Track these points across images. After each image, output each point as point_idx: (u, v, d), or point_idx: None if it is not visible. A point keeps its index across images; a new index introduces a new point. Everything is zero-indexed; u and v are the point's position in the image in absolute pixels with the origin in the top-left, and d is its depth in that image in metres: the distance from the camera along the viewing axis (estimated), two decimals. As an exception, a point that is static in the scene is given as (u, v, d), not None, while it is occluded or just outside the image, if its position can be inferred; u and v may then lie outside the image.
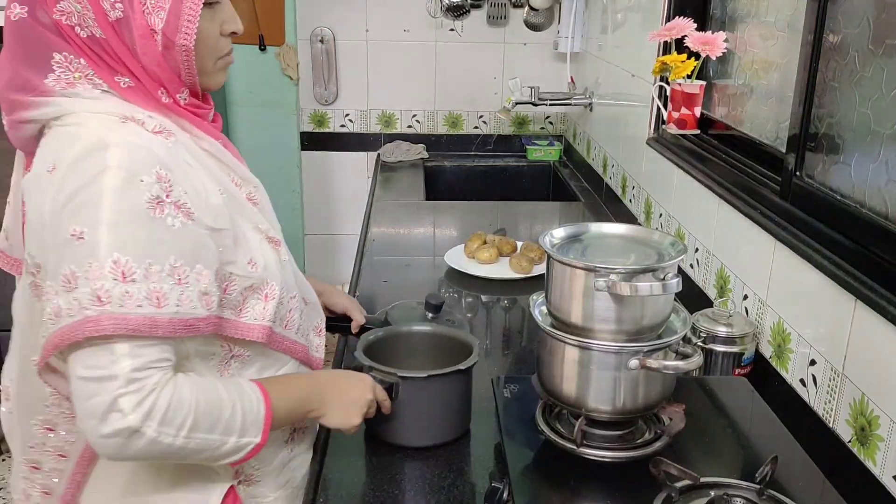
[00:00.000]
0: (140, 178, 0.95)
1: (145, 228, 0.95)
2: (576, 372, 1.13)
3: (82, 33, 1.00)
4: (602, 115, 2.85)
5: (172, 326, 0.96)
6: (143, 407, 0.94)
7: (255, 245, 1.10)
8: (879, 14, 1.22)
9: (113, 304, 0.93)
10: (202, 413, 0.99)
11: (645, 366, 1.09)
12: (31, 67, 1.01)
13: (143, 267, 0.94)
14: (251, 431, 1.04)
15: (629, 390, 1.12)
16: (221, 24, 1.08)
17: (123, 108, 1.02)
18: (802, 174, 1.42)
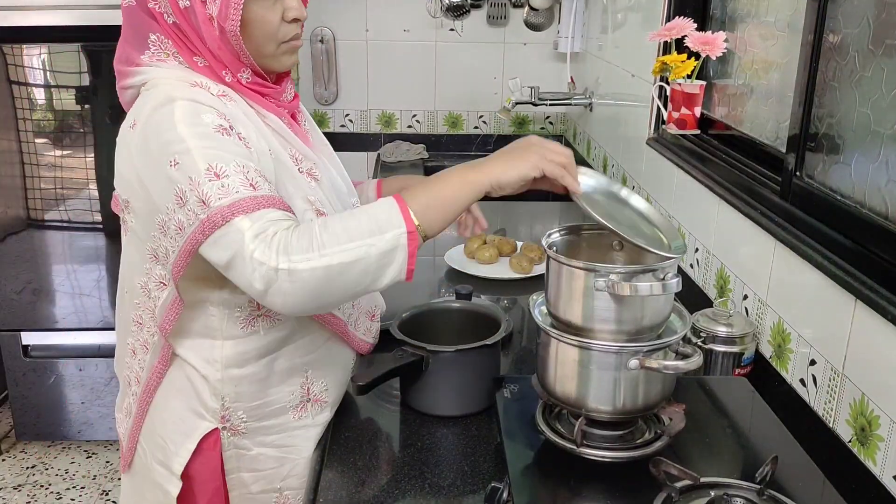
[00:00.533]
0: (202, 115, 1.10)
1: (222, 142, 1.09)
2: (576, 372, 1.13)
3: (168, 20, 1.15)
4: (602, 115, 2.85)
5: (272, 201, 1.08)
6: (272, 248, 1.03)
7: (298, 210, 1.17)
8: (879, 14, 1.22)
9: (215, 199, 1.05)
10: (328, 229, 1.05)
11: (645, 366, 1.09)
12: (134, 45, 1.18)
13: (232, 165, 1.07)
14: (391, 224, 1.06)
15: (629, 390, 1.12)
16: (284, 11, 1.17)
17: (196, 77, 1.16)
18: (802, 174, 1.42)
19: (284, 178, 1.18)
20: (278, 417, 1.29)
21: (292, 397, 1.30)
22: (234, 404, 1.26)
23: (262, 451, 1.29)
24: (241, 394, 1.25)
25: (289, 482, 1.32)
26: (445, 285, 2.00)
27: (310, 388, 1.31)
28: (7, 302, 2.91)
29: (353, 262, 1.04)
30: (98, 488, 2.90)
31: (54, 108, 2.78)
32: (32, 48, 2.70)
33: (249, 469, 1.29)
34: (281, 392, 1.29)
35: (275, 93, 1.23)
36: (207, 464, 1.27)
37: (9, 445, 3.14)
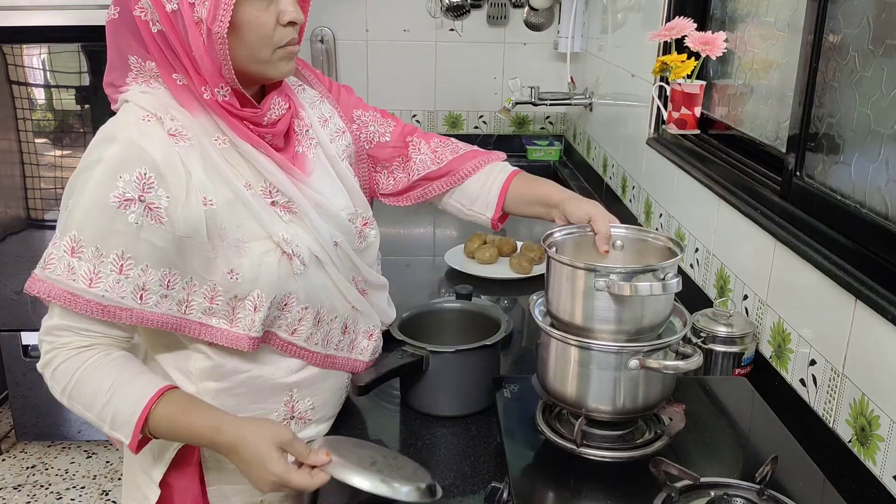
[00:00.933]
0: (119, 175, 1.07)
1: (106, 219, 1.07)
2: (576, 372, 1.13)
3: (153, 28, 1.10)
4: (602, 115, 2.85)
5: (90, 307, 1.08)
6: (47, 356, 1.12)
7: (252, 255, 1.14)
8: (879, 14, 1.22)
9: (52, 271, 1.08)
10: (80, 391, 1.11)
11: (645, 366, 1.09)
12: (117, 68, 1.16)
13: (92, 248, 1.07)
14: (123, 430, 1.10)
15: (629, 390, 1.12)
16: (279, 14, 1.11)
17: (159, 103, 1.12)
18: (802, 174, 1.42)
19: (243, 217, 1.14)
20: None
21: (276, 414, 1.25)
22: None
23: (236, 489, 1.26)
24: (221, 406, 1.18)
25: (270, 496, 1.28)
26: (445, 285, 2.00)
27: (294, 406, 1.27)
28: (7, 302, 2.91)
29: (88, 419, 1.13)
30: (98, 488, 2.90)
31: (54, 108, 2.78)
32: (32, 48, 2.70)
33: (229, 482, 1.26)
34: (264, 408, 1.24)
35: (252, 115, 1.15)
36: (186, 474, 1.24)
37: (9, 445, 3.14)
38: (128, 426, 1.09)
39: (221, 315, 1.16)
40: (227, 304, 1.15)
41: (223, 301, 1.15)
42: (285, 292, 1.18)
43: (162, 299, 1.12)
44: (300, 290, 1.19)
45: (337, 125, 1.35)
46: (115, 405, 1.10)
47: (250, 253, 1.14)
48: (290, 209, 1.19)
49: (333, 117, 1.35)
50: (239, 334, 1.16)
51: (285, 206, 1.18)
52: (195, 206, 1.10)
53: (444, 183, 1.46)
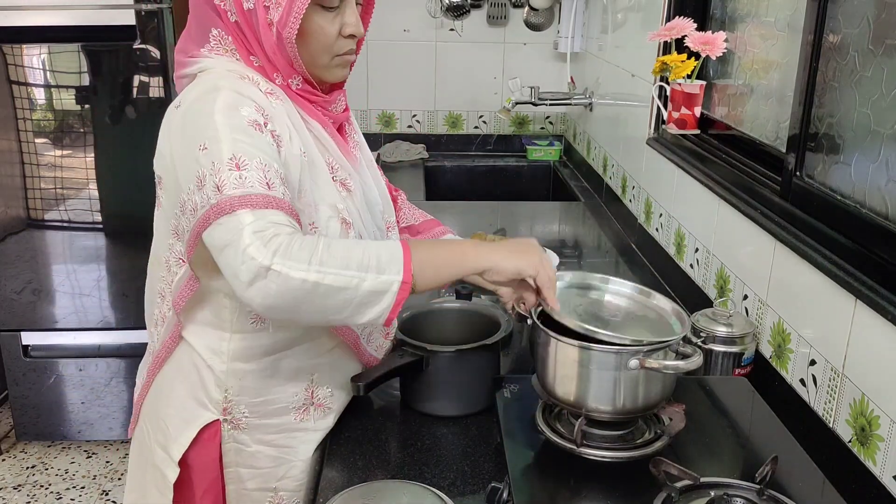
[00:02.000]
0: (241, 108, 1.13)
1: (252, 137, 1.11)
2: (575, 372, 1.13)
3: (231, 18, 1.19)
4: (602, 115, 2.85)
5: (283, 205, 1.09)
6: (269, 247, 1.03)
7: (321, 216, 1.21)
8: (879, 14, 1.22)
9: (229, 188, 1.07)
10: (332, 252, 1.05)
11: (645, 366, 1.09)
12: (195, 39, 1.23)
13: (255, 161, 1.09)
14: (391, 269, 1.06)
15: (629, 390, 1.12)
16: (342, 26, 1.21)
17: (249, 72, 1.20)
18: (802, 174, 1.42)
19: (315, 181, 1.21)
20: (280, 417, 1.29)
21: (296, 398, 1.29)
22: (237, 398, 1.26)
23: (260, 449, 1.29)
24: (244, 388, 1.26)
25: (284, 483, 1.32)
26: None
27: (314, 391, 1.31)
28: (7, 302, 2.91)
29: (341, 287, 1.05)
30: (98, 488, 2.90)
31: (54, 108, 2.78)
32: (32, 48, 2.70)
33: (247, 465, 1.30)
34: (285, 392, 1.29)
35: (323, 101, 1.26)
36: (206, 454, 1.28)
37: (9, 445, 3.14)
38: (396, 260, 1.07)
39: None
40: None
41: None
42: None
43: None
44: None
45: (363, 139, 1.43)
46: (374, 250, 1.07)
47: (320, 214, 1.20)
48: (346, 186, 1.26)
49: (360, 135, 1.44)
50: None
51: (343, 182, 1.26)
52: (296, 150, 1.18)
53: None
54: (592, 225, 2.58)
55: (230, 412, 1.27)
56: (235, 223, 1.05)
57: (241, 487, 1.31)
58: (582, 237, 2.51)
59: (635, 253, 2.26)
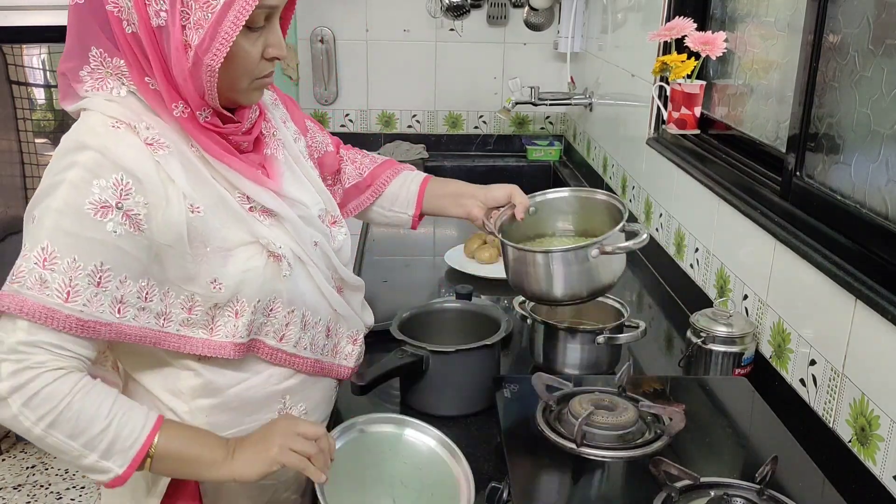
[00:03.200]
0: (96, 180, 1.01)
1: (82, 226, 1.00)
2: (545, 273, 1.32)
3: (128, 29, 1.04)
4: (602, 115, 2.85)
5: (69, 323, 1.00)
6: (15, 378, 0.98)
7: (238, 259, 1.11)
8: (879, 14, 1.22)
9: (21, 284, 0.99)
10: (69, 416, 1.00)
11: (605, 252, 1.29)
12: (75, 57, 1.08)
13: (67, 260, 1.00)
14: (116, 459, 1.02)
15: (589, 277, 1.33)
16: (265, 48, 1.09)
17: (128, 112, 1.06)
18: (802, 174, 1.42)
19: (225, 224, 1.10)
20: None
21: (265, 413, 1.21)
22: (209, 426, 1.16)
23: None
24: (213, 424, 1.16)
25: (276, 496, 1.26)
26: (445, 285, 2.00)
27: (288, 413, 1.23)
28: (7, 302, 2.90)
29: (62, 452, 1.01)
30: (98, 488, 2.90)
31: (54, 108, 2.78)
32: (32, 48, 2.70)
33: (229, 500, 1.22)
34: (258, 419, 1.19)
35: (233, 130, 1.13)
36: (184, 496, 1.18)
37: (9, 445, 3.14)
38: (128, 452, 1.02)
39: (200, 325, 1.11)
40: (205, 314, 1.11)
41: (202, 311, 1.11)
42: (271, 296, 1.14)
43: (140, 312, 1.06)
44: (285, 293, 1.16)
45: (292, 128, 1.33)
46: (115, 430, 1.02)
47: (235, 260, 1.11)
48: (269, 213, 1.16)
49: (288, 121, 1.33)
50: (222, 342, 1.12)
51: (264, 210, 1.15)
52: (177, 214, 1.05)
53: (370, 194, 1.55)
54: (592, 225, 2.57)
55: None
56: (10, 325, 1.00)
57: None
58: (582, 237, 2.51)
59: (635, 253, 2.25)
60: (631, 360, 1.33)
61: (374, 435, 1.18)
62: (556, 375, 1.28)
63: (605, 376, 1.42)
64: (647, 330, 1.49)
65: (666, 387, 1.34)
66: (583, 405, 1.17)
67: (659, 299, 1.94)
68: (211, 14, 0.99)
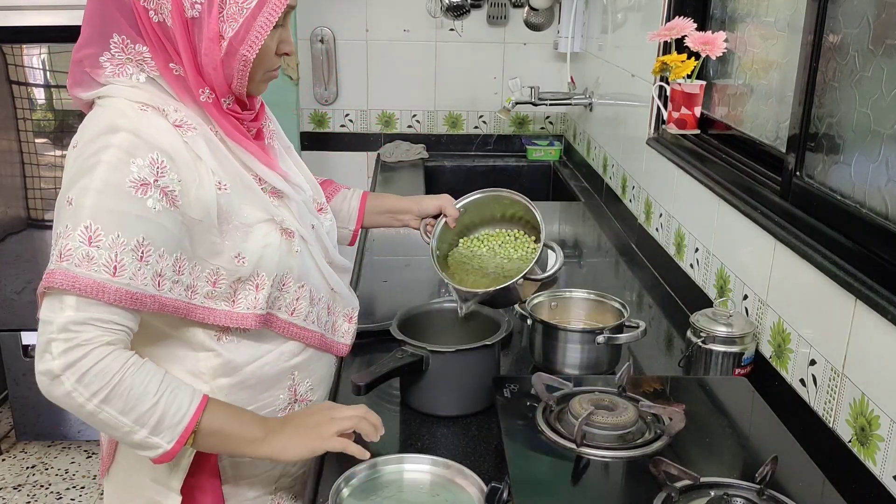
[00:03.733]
0: (133, 160, 1.05)
1: (124, 203, 1.04)
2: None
3: (155, 18, 1.08)
4: (602, 115, 2.85)
5: (118, 295, 1.03)
6: (66, 356, 1.01)
7: (257, 236, 1.18)
8: (879, 14, 1.22)
9: (70, 262, 1.02)
10: (120, 392, 1.03)
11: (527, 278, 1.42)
12: (93, 44, 1.11)
13: (111, 236, 1.03)
14: (165, 435, 1.06)
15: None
16: (279, 44, 1.17)
17: (154, 97, 1.11)
18: (802, 174, 1.42)
19: (246, 203, 1.16)
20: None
21: (281, 399, 1.29)
22: None
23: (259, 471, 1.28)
24: (233, 402, 1.21)
25: (282, 482, 1.33)
26: (445, 285, 1.99)
27: (297, 388, 1.31)
28: (7, 302, 2.91)
29: (113, 427, 1.05)
30: (98, 488, 2.90)
31: (54, 108, 2.78)
32: (32, 48, 2.70)
33: (246, 476, 1.28)
34: (271, 395, 1.28)
35: (248, 115, 1.20)
36: (204, 474, 1.24)
37: (9, 445, 3.14)
38: (176, 428, 1.06)
39: (222, 298, 1.17)
40: (229, 287, 1.17)
41: (226, 284, 1.16)
42: (285, 271, 1.21)
43: (174, 285, 1.11)
44: (296, 269, 1.23)
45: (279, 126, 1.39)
46: (163, 406, 1.06)
47: (254, 236, 1.17)
48: (277, 194, 1.23)
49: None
50: (244, 314, 1.18)
51: (273, 191, 1.22)
52: (208, 190, 1.11)
53: None
54: (592, 225, 2.58)
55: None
56: (57, 304, 1.02)
57: (242, 500, 1.29)
58: (582, 237, 2.51)
59: (635, 253, 2.26)
60: (631, 360, 1.33)
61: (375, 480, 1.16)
62: (556, 375, 1.28)
63: (605, 376, 1.42)
64: (647, 330, 1.49)
65: (666, 387, 1.34)
66: (583, 405, 1.18)
67: (659, 299, 1.94)
68: (246, 9, 1.07)
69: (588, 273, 2.18)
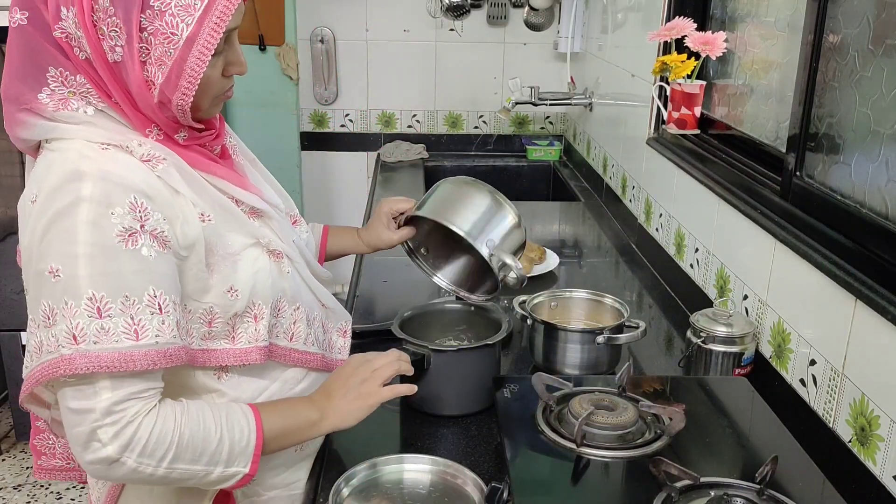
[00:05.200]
0: (111, 211, 0.95)
1: (119, 261, 0.95)
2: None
3: (81, 55, 0.98)
4: (602, 115, 2.85)
5: (150, 359, 0.96)
6: (120, 439, 0.96)
7: (246, 263, 1.11)
8: (879, 14, 1.22)
9: (87, 341, 0.93)
10: (186, 445, 1.00)
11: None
12: (25, 80, 0.99)
13: (120, 300, 0.95)
14: (239, 461, 1.05)
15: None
16: (225, 67, 1.06)
17: (111, 132, 1.01)
18: (802, 174, 1.42)
19: (229, 229, 1.09)
20: (282, 456, 1.20)
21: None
22: None
23: (273, 494, 1.23)
24: None
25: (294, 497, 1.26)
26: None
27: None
28: (7, 302, 2.90)
29: (188, 478, 1.02)
30: (98, 488, 2.90)
31: (54, 108, 2.78)
32: (32, 48, 2.69)
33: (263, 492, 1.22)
34: None
35: (208, 136, 1.11)
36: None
37: (9, 445, 3.14)
38: (247, 454, 1.05)
39: (222, 337, 1.10)
40: (226, 325, 1.10)
41: (221, 322, 1.09)
42: (279, 295, 1.16)
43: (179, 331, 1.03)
44: (288, 291, 1.18)
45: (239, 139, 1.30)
46: (228, 437, 1.03)
47: (243, 264, 1.10)
48: (256, 214, 1.15)
49: None
50: (247, 349, 1.12)
51: (252, 211, 1.15)
52: (193, 225, 1.04)
53: None
54: (592, 225, 2.58)
55: None
56: (90, 391, 0.95)
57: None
58: (582, 237, 2.51)
59: (635, 253, 2.26)
60: (631, 360, 1.33)
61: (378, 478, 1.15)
62: (556, 375, 1.28)
63: (605, 376, 1.43)
64: (647, 330, 1.49)
65: (666, 387, 1.34)
66: (583, 405, 1.18)
67: (659, 299, 1.94)
68: (174, 50, 0.95)
69: (588, 273, 2.18)
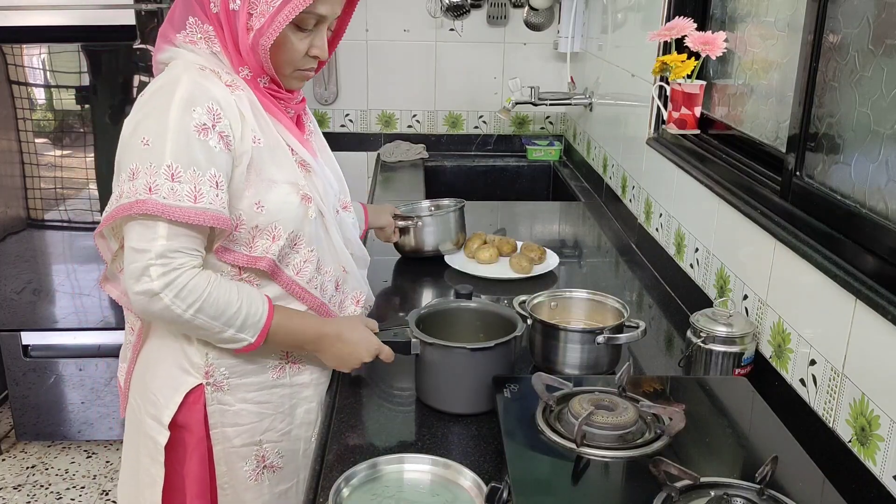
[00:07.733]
0: (194, 108, 1.24)
1: (193, 145, 1.23)
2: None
3: (213, 9, 1.30)
4: (602, 115, 2.85)
5: (203, 217, 1.22)
6: (165, 278, 1.22)
7: (279, 192, 1.32)
8: (879, 14, 1.22)
9: (159, 195, 1.21)
10: (211, 302, 1.25)
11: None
12: (175, 24, 1.34)
13: (189, 172, 1.22)
14: (248, 331, 1.30)
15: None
16: (310, 47, 1.33)
17: (211, 62, 1.31)
18: (802, 174, 1.42)
19: (274, 162, 1.32)
20: (258, 376, 1.40)
21: (271, 358, 1.40)
22: (218, 360, 1.36)
23: (243, 407, 1.39)
24: (224, 351, 1.35)
25: (267, 436, 1.42)
26: (445, 285, 2.00)
27: (288, 351, 1.41)
28: (7, 302, 2.91)
29: (205, 330, 1.28)
30: (98, 488, 2.90)
31: (54, 108, 2.78)
32: (32, 48, 2.70)
33: (231, 424, 1.39)
34: (262, 355, 1.38)
35: (285, 97, 1.38)
36: (192, 417, 1.37)
37: (9, 445, 3.15)
38: (258, 324, 1.30)
39: (242, 243, 1.32)
40: (247, 234, 1.31)
41: (245, 230, 1.30)
42: (299, 231, 1.34)
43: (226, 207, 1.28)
44: (309, 234, 1.36)
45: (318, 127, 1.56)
46: (245, 310, 1.28)
47: (278, 190, 1.31)
48: (305, 167, 1.37)
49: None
50: (258, 256, 1.32)
51: (301, 163, 1.37)
52: (247, 140, 1.29)
53: None
54: (592, 225, 2.58)
55: (212, 375, 1.37)
56: (152, 233, 1.22)
57: (227, 447, 1.40)
58: (582, 237, 2.51)
59: (635, 253, 2.26)
60: (631, 360, 1.33)
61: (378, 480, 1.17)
62: (556, 375, 1.28)
63: (605, 376, 1.43)
64: (647, 330, 1.49)
65: (666, 387, 1.34)
66: (583, 405, 1.18)
67: (659, 299, 1.94)
68: (272, 7, 1.25)
69: (588, 273, 2.18)
